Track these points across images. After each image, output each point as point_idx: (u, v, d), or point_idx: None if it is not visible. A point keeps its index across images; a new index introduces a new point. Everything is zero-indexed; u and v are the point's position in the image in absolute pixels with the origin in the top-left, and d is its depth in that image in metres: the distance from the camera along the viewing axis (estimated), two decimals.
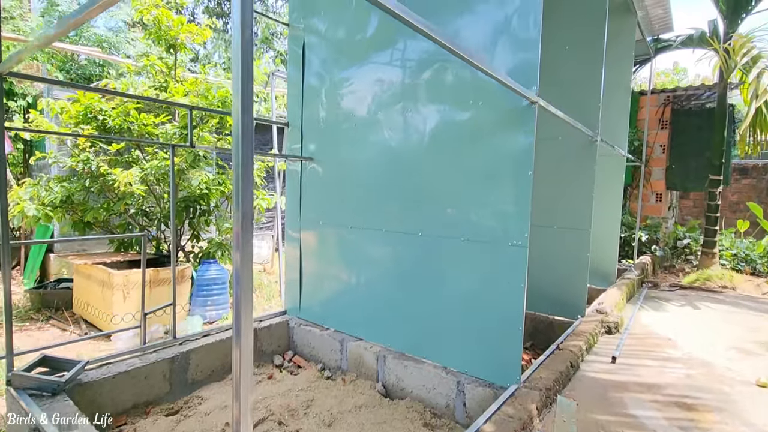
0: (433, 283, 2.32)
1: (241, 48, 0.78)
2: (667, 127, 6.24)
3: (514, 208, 2.00)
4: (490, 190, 2.08)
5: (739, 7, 4.74)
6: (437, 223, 2.29)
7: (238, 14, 0.78)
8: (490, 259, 2.08)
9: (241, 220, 0.82)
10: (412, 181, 2.39)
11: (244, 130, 0.80)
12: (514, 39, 1.98)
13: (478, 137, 2.11)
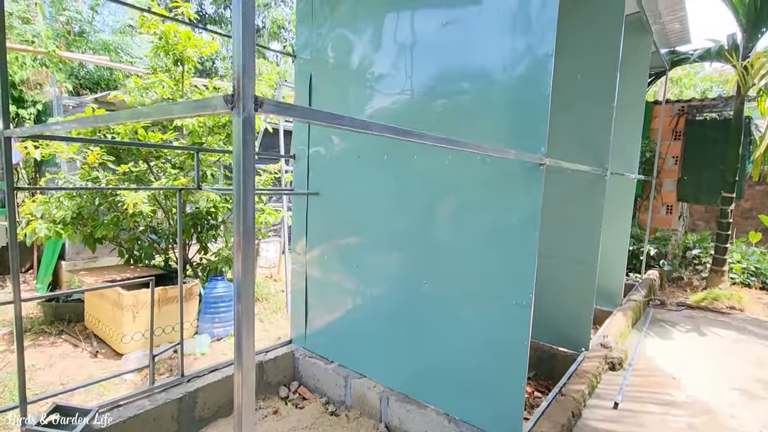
0: (437, 330, 2.33)
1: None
2: (681, 138, 6.12)
3: (518, 268, 1.99)
4: (494, 247, 2.07)
5: (760, 21, 4.58)
6: (441, 275, 2.29)
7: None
8: (494, 316, 2.08)
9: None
10: (417, 228, 2.38)
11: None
12: (522, 100, 1.94)
13: (484, 193, 2.09)
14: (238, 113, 0.69)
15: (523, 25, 1.93)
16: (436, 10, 2.21)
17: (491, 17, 2.02)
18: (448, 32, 2.17)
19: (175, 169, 4.28)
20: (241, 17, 0.70)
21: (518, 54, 1.95)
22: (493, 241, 2.07)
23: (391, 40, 2.41)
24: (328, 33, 2.76)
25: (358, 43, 2.58)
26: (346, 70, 2.67)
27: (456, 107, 2.18)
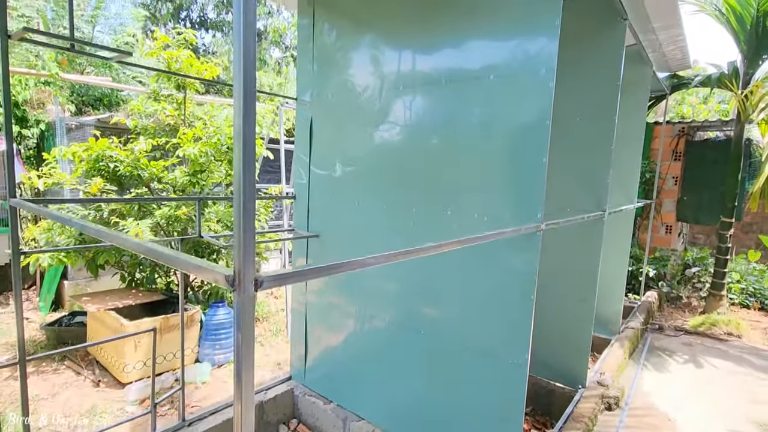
0: (434, 378, 2.36)
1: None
2: (681, 159, 6.13)
3: (514, 328, 2.02)
4: (491, 307, 2.10)
5: (762, 48, 4.59)
6: (438, 327, 2.32)
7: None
8: (490, 372, 2.11)
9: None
10: (415, 281, 2.41)
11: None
12: (518, 165, 1.96)
13: (482, 252, 2.12)
14: (239, 294, 0.72)
15: (521, 92, 1.95)
16: (437, 69, 2.24)
17: (489, 82, 2.04)
18: (449, 91, 2.20)
19: (177, 192, 4.31)
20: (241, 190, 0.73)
21: (516, 120, 1.97)
22: (490, 301, 2.10)
23: (392, 92, 2.43)
24: (328, 78, 2.79)
25: (358, 89, 2.60)
26: (345, 115, 2.70)
27: (453, 164, 2.21)
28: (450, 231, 2.24)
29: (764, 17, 4.45)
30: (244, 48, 0.71)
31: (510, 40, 1.98)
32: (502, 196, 2.04)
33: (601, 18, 2.96)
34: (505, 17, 2.00)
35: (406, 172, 2.40)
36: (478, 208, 2.11)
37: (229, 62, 10.70)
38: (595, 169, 3.11)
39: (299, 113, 2.98)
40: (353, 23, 2.65)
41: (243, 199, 0.71)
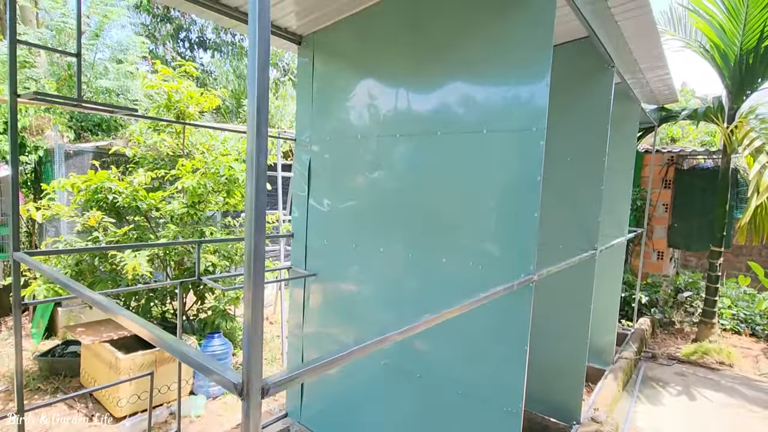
0: (431, 425, 2.39)
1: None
2: (671, 187, 6.26)
3: (508, 379, 2.06)
4: (484, 357, 2.14)
5: (745, 84, 4.75)
6: (433, 370, 2.35)
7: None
8: (484, 417, 2.14)
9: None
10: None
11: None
12: (510, 219, 2.03)
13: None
14: (246, 402, 0.76)
15: (513, 147, 2.03)
16: (432, 119, 2.32)
17: (482, 136, 2.12)
18: (444, 141, 2.27)
19: (174, 223, 4.35)
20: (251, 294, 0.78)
21: (508, 173, 2.05)
22: (484, 348, 2.15)
23: (389, 139, 2.51)
24: (326, 119, 2.87)
25: (355, 133, 2.68)
26: (343, 158, 2.77)
27: (448, 213, 2.27)
28: (445, 278, 2.29)
29: (747, 55, 4.62)
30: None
31: (502, 97, 2.06)
32: (496, 246, 2.10)
33: (590, 65, 3.08)
34: (497, 73, 2.09)
35: (403, 218, 2.46)
36: (473, 257, 2.17)
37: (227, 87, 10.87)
38: (585, 208, 3.19)
39: (297, 153, 3.05)
40: (352, 67, 2.74)
41: (252, 316, 0.76)
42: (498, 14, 2.07)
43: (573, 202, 3.24)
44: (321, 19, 2.73)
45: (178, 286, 2.41)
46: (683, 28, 5.36)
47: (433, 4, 2.29)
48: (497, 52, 2.07)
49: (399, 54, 2.48)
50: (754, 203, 3.83)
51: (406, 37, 2.44)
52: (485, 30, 2.11)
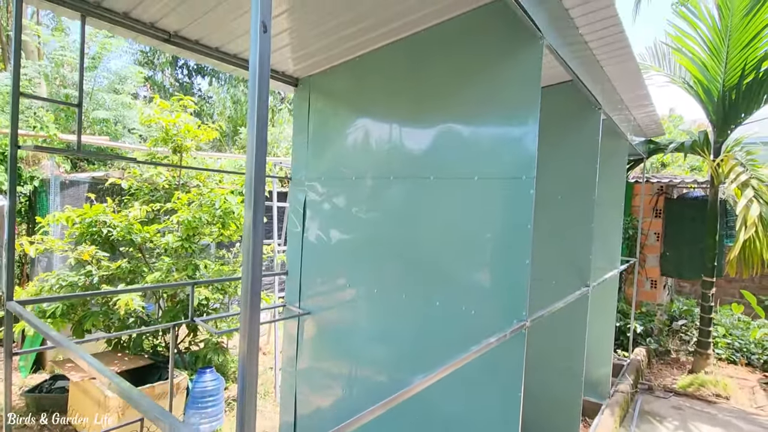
0: None
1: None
2: (661, 216, 6.35)
3: (503, 421, 2.05)
4: (481, 400, 2.13)
5: (729, 119, 4.90)
6: (426, 410, 2.33)
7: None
8: None
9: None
10: (403, 366, 2.44)
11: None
12: (502, 264, 2.06)
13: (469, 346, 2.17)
14: None
15: (504, 194, 2.07)
16: (425, 164, 2.37)
17: (474, 183, 2.17)
18: (437, 186, 2.32)
19: (168, 255, 4.34)
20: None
21: (499, 220, 2.09)
22: (478, 393, 2.14)
23: (383, 181, 2.56)
24: (322, 160, 2.92)
25: (350, 174, 2.73)
26: (338, 198, 2.81)
27: (441, 256, 2.30)
28: (439, 321, 2.30)
29: (730, 91, 4.78)
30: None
31: (493, 145, 2.13)
32: (488, 291, 2.12)
33: (577, 106, 3.18)
34: (488, 122, 2.15)
35: (397, 259, 2.49)
36: (465, 301, 2.19)
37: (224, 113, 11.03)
38: (577, 245, 3.23)
39: (293, 191, 3.09)
40: (347, 109, 2.81)
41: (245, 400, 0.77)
42: (487, 65, 2.15)
43: (565, 239, 3.28)
44: (318, 64, 2.82)
45: (171, 329, 2.40)
46: (668, 64, 5.56)
47: (427, 52, 2.38)
48: (487, 100, 2.15)
49: (393, 98, 2.56)
50: (742, 237, 3.90)
51: (401, 83, 2.52)
52: (476, 80, 2.19)
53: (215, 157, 6.52)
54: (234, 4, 2.10)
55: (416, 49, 2.41)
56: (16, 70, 1.87)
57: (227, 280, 3.27)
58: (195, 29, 2.32)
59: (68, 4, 1.95)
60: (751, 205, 3.98)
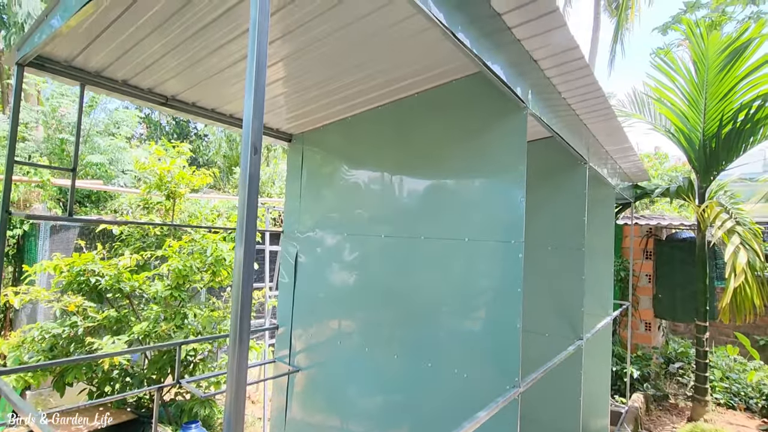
0: None
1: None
2: (652, 258, 6.41)
3: None
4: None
5: (711, 167, 5.05)
6: None
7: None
8: None
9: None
10: (400, 427, 2.38)
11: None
12: (493, 328, 2.06)
13: (460, 408, 2.13)
14: None
15: (493, 257, 2.10)
16: (417, 224, 2.40)
17: (464, 244, 2.20)
18: (428, 247, 2.34)
19: (156, 305, 4.26)
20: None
21: (490, 283, 2.10)
22: None
23: (375, 239, 2.58)
24: (314, 214, 2.94)
25: (342, 229, 2.75)
26: (330, 253, 2.81)
27: (433, 317, 2.29)
28: (430, 383, 2.26)
29: (710, 140, 4.96)
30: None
31: (482, 207, 2.17)
32: (479, 355, 2.10)
33: (565, 160, 3.27)
34: (477, 185, 2.21)
35: (389, 318, 2.47)
36: (457, 364, 2.16)
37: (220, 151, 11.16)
38: (569, 297, 3.23)
39: (285, 244, 3.09)
40: (339, 166, 2.87)
41: None
42: (472, 131, 2.22)
43: (557, 290, 3.29)
44: (311, 122, 2.90)
45: (156, 392, 2.32)
46: (648, 111, 5.77)
47: (415, 116, 2.46)
48: (474, 164, 2.21)
49: (385, 157, 2.62)
50: (732, 284, 3.93)
51: (392, 142, 2.59)
52: (462, 144, 2.26)
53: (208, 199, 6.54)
54: (230, 73, 2.18)
55: (404, 113, 2.50)
56: (12, 137, 1.90)
57: (215, 338, 3.21)
58: (192, 93, 2.39)
59: (69, 75, 2.01)
60: (738, 252, 4.04)
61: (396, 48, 1.98)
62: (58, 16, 1.52)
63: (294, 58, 2.04)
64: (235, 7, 1.66)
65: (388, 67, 2.15)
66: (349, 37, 1.83)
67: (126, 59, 2.00)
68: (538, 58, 2.08)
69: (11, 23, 7.50)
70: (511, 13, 1.72)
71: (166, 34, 1.82)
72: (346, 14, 1.68)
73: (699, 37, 4.31)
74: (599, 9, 13.89)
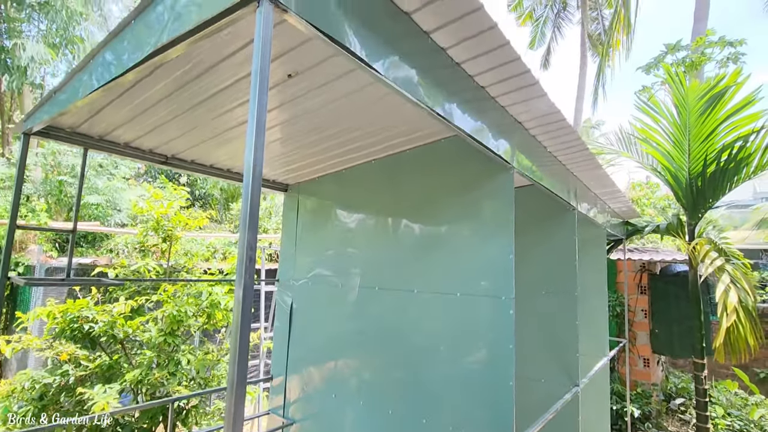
0: None
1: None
2: (647, 292, 6.43)
3: None
4: None
5: (699, 204, 5.16)
6: None
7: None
8: None
9: None
10: None
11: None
12: (490, 387, 2.07)
13: None
14: None
15: (485, 313, 2.13)
16: (409, 279, 2.44)
17: (456, 299, 2.23)
18: (420, 300, 2.38)
19: (150, 350, 4.22)
20: None
21: (482, 339, 2.13)
22: None
23: (368, 291, 2.61)
24: (309, 265, 2.98)
25: (336, 281, 2.78)
26: (324, 304, 2.84)
27: (428, 372, 2.30)
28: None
29: (696, 179, 5.09)
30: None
31: (472, 264, 2.22)
32: (474, 411, 2.10)
33: (554, 205, 3.36)
34: (468, 241, 2.26)
35: (383, 371, 2.47)
36: (452, 421, 2.16)
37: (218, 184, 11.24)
38: (564, 342, 3.24)
39: (280, 295, 3.11)
40: (334, 217, 2.93)
41: None
42: (462, 187, 2.30)
43: (552, 335, 3.30)
44: (306, 174, 2.98)
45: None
46: (636, 150, 5.94)
47: (406, 171, 2.55)
48: (464, 220, 2.28)
49: (378, 209, 2.69)
50: (725, 324, 3.96)
51: (385, 195, 2.66)
52: (452, 200, 2.34)
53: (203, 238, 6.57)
54: (230, 135, 2.27)
55: (397, 167, 2.59)
56: (15, 201, 1.96)
57: (208, 392, 3.18)
58: (192, 152, 2.47)
59: (73, 141, 2.09)
60: (729, 290, 4.09)
61: (384, 116, 2.08)
62: (64, 98, 1.61)
63: (290, 124, 2.13)
64: (237, 82, 1.76)
65: (378, 129, 2.25)
66: (338, 110, 1.94)
67: (131, 125, 2.09)
68: (522, 120, 2.18)
69: (14, 67, 7.72)
70: (494, 86, 1.83)
71: (173, 103, 1.91)
72: (334, 91, 1.79)
73: (678, 83, 4.51)
74: (585, 47, 14.49)
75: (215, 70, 1.66)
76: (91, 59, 1.49)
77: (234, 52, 1.54)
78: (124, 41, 1.32)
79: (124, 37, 1.33)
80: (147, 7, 1.26)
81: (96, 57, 1.47)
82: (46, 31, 8.78)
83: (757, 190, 20.28)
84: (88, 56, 1.48)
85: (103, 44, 1.44)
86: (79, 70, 1.52)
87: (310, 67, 1.65)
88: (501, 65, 1.66)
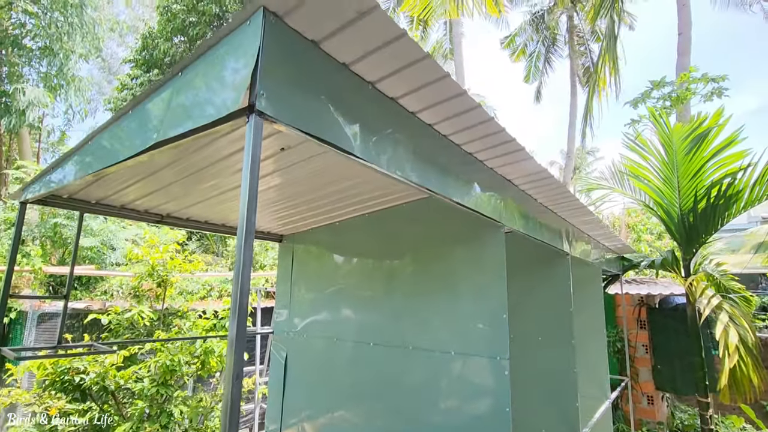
0: None
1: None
2: (646, 327, 6.38)
3: None
4: None
5: (692, 239, 5.19)
6: None
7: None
8: None
9: None
10: None
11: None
12: None
13: None
14: None
15: (480, 372, 2.11)
16: (403, 335, 2.43)
17: (450, 357, 2.22)
18: (415, 356, 2.36)
19: (142, 400, 4.12)
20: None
21: (478, 400, 2.10)
22: None
23: (363, 346, 2.59)
24: (303, 318, 2.97)
25: (331, 335, 2.76)
26: (318, 358, 2.81)
27: (425, 427, 2.26)
28: None
29: (688, 215, 5.15)
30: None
31: (466, 323, 2.21)
32: None
33: (549, 252, 3.38)
34: (459, 299, 2.27)
35: (379, 427, 2.42)
36: None
37: None
38: (563, 390, 3.20)
39: (275, 347, 3.08)
40: (328, 269, 2.94)
41: None
42: (453, 244, 2.33)
43: (550, 383, 3.26)
44: (301, 227, 3.01)
45: None
46: (629, 185, 6.03)
47: (402, 223, 2.58)
48: (457, 277, 2.29)
49: (372, 262, 2.70)
50: (727, 365, 3.91)
51: (379, 248, 2.68)
52: (444, 257, 2.36)
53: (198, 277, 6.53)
54: (227, 196, 2.31)
55: (390, 220, 2.62)
56: (9, 272, 1.97)
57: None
58: (187, 211, 2.51)
59: (70, 206, 2.12)
60: (729, 329, 4.07)
61: (374, 181, 2.13)
62: (58, 179, 1.65)
63: (283, 187, 2.17)
64: (234, 154, 1.81)
65: (369, 189, 2.29)
66: (327, 176, 1.98)
67: (130, 190, 2.12)
68: (512, 179, 2.23)
69: (14, 110, 7.85)
70: (482, 152, 1.88)
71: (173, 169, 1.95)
72: (323, 162, 1.84)
73: (663, 124, 4.64)
74: (575, 79, 14.92)
75: (213, 144, 1.70)
76: (84, 146, 1.54)
77: (229, 132, 1.59)
78: (120, 134, 1.36)
79: (117, 132, 1.38)
80: (136, 106, 1.31)
81: (90, 143, 1.52)
82: (45, 75, 8.98)
83: (751, 214, 20.49)
84: (83, 141, 1.52)
85: (91, 136, 1.48)
86: (70, 155, 1.56)
87: (301, 141, 1.70)
88: (486, 136, 1.72)
